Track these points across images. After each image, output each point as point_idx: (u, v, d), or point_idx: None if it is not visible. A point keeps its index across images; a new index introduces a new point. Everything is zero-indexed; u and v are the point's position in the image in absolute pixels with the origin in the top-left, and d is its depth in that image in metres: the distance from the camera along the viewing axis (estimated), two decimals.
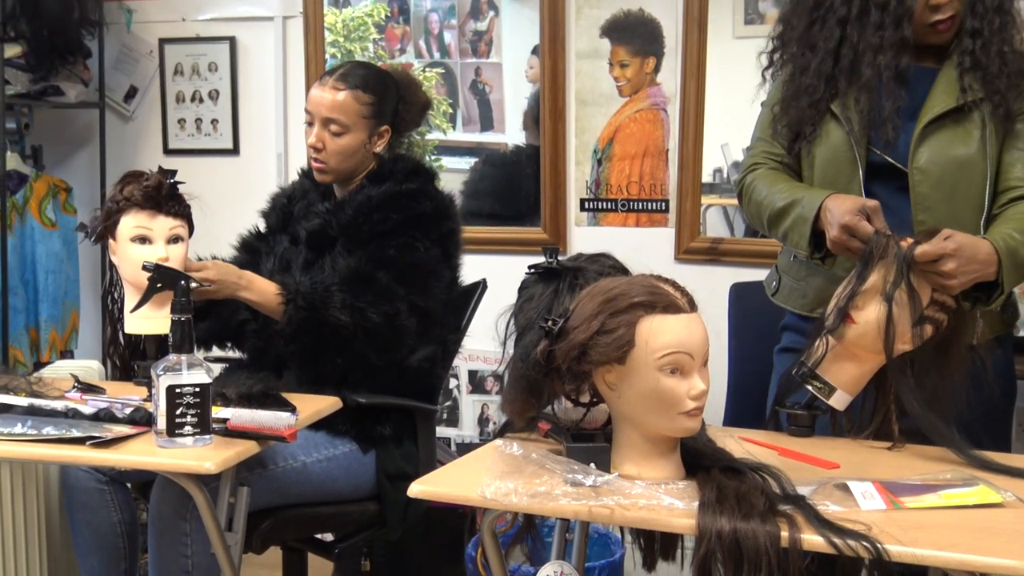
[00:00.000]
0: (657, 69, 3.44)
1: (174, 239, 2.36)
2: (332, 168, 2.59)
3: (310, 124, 2.60)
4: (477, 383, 3.70)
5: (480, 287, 2.84)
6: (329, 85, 2.58)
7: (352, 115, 2.56)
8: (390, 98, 2.64)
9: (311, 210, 2.67)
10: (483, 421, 3.72)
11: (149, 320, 2.33)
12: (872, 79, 2.11)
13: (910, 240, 1.91)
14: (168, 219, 2.36)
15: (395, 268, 2.49)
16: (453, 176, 3.73)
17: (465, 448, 3.63)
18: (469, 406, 3.72)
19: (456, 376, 3.69)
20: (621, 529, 2.67)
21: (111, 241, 2.40)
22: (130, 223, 2.36)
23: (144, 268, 2.27)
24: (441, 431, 3.64)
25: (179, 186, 2.40)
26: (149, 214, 2.35)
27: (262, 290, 2.44)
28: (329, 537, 2.79)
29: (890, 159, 2.11)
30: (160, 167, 2.43)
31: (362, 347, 2.45)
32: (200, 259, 2.55)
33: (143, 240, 2.35)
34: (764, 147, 2.27)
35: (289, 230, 2.71)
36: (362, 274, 2.48)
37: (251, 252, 2.74)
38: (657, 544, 1.87)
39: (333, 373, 2.46)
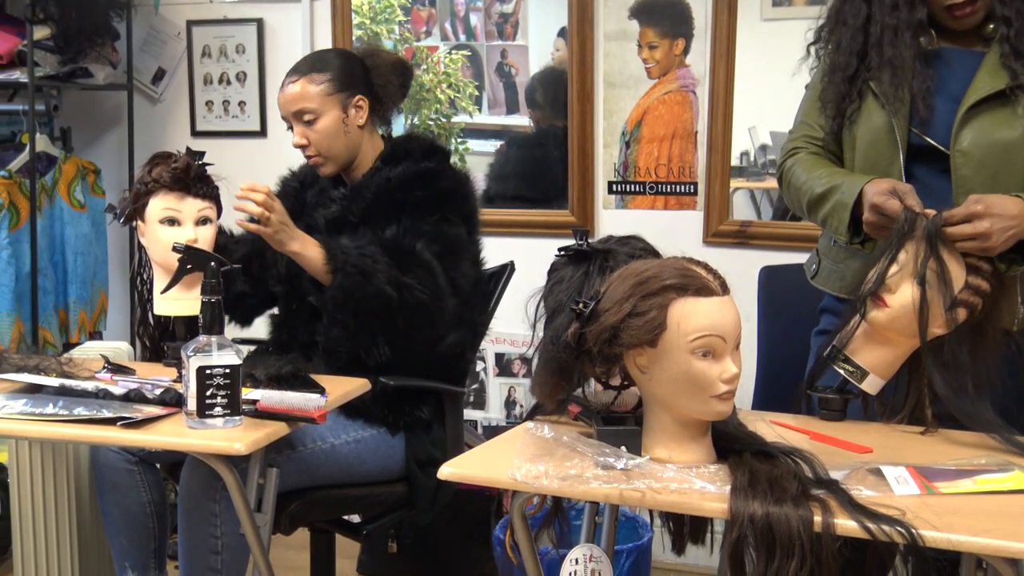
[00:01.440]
0: (686, 51, 3.41)
1: (203, 220, 2.37)
2: (325, 155, 2.58)
3: (290, 127, 2.61)
4: (504, 366, 3.70)
5: (508, 270, 2.83)
6: (286, 84, 2.60)
7: (315, 98, 2.55)
8: (349, 69, 2.61)
9: (326, 196, 2.66)
10: (510, 404, 3.71)
11: (179, 301, 2.34)
12: (895, 58, 2.10)
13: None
14: (197, 201, 2.37)
15: (434, 243, 2.47)
16: (479, 159, 3.72)
17: (492, 431, 3.63)
18: (496, 389, 3.72)
19: (483, 359, 3.69)
20: (650, 512, 2.67)
21: (140, 223, 2.41)
22: (159, 205, 2.36)
23: (174, 249, 2.28)
24: (468, 414, 3.63)
25: (207, 168, 2.40)
26: (178, 196, 2.35)
27: (311, 249, 2.38)
28: (357, 519, 2.80)
29: (931, 140, 2.09)
30: (188, 148, 2.43)
31: (406, 323, 2.41)
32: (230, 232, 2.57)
33: (172, 222, 2.36)
34: (805, 131, 2.25)
35: (304, 218, 2.68)
36: (404, 248, 2.45)
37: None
38: (686, 528, 1.86)
39: (367, 354, 2.45)
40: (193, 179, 2.36)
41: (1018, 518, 1.49)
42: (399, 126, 3.74)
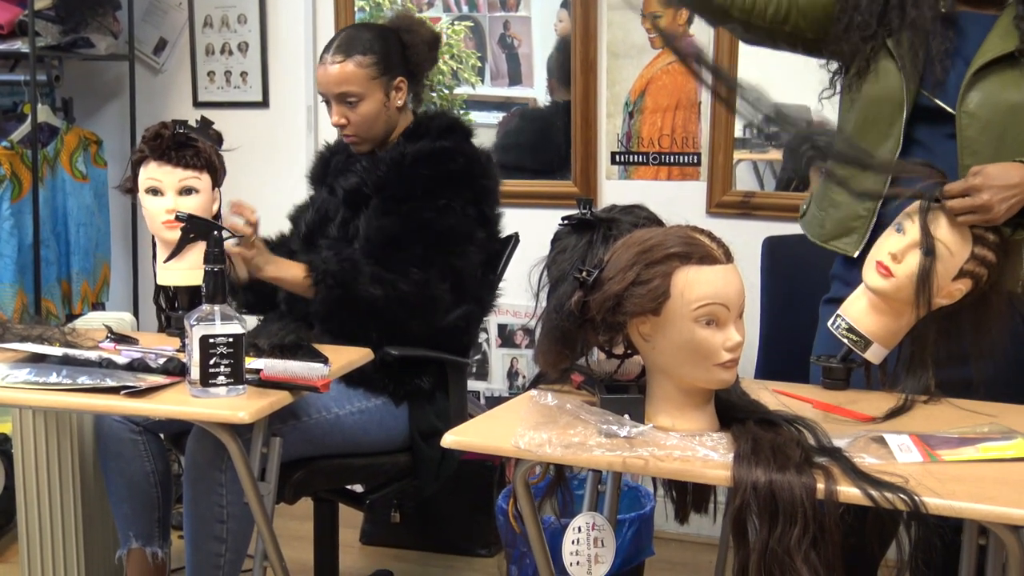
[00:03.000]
0: (690, 21, 3.39)
1: (186, 191, 2.34)
2: (364, 137, 2.60)
3: (328, 103, 2.60)
4: (507, 337, 3.70)
5: (512, 241, 2.83)
6: (329, 61, 2.58)
7: (362, 81, 2.55)
8: (392, 50, 2.61)
9: (349, 166, 2.67)
10: (512, 375, 3.72)
11: (182, 271, 2.34)
12: (917, 19, 2.09)
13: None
14: (179, 170, 2.33)
15: (431, 233, 2.49)
16: (482, 131, 3.71)
17: (494, 401, 3.64)
18: (499, 359, 3.72)
19: (486, 330, 3.69)
20: (653, 482, 2.67)
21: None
22: (143, 175, 2.35)
23: (177, 219, 2.27)
24: (470, 384, 3.63)
25: (191, 136, 2.36)
26: (158, 165, 2.34)
27: (289, 270, 2.45)
28: (360, 488, 2.81)
29: (939, 101, 2.08)
30: (202, 117, 2.41)
31: (396, 316, 2.45)
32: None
33: (155, 192, 2.34)
34: None
35: (328, 181, 2.71)
36: (393, 239, 2.47)
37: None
38: (689, 496, 1.86)
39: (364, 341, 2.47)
40: (167, 148, 2.33)
41: (1021, 485, 1.49)
42: None
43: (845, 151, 2.03)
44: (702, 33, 3.37)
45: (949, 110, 2.07)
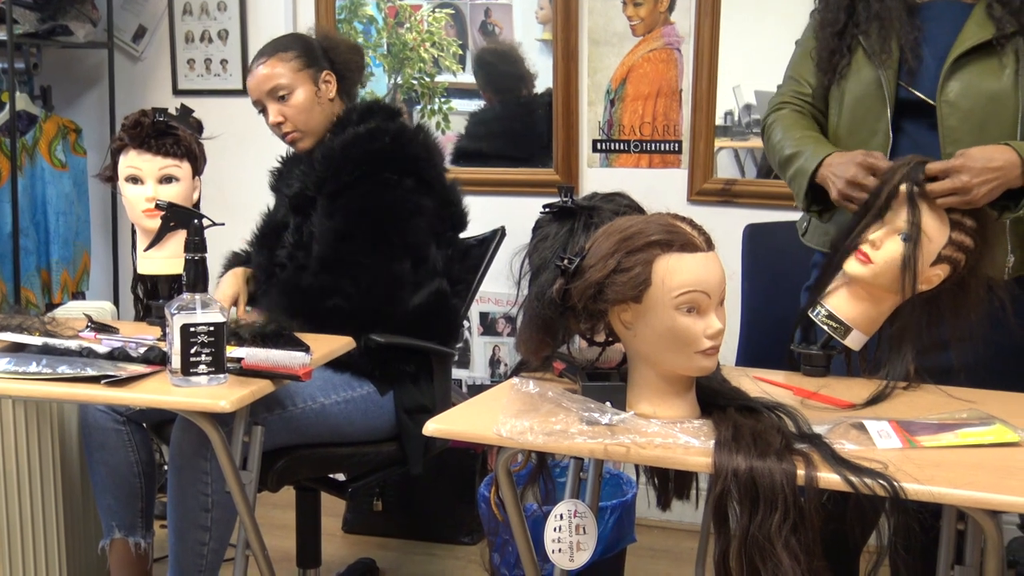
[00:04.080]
0: (671, 8, 3.40)
1: (166, 179, 2.34)
2: (303, 129, 2.63)
3: (263, 111, 2.65)
4: (488, 325, 3.70)
5: (498, 235, 2.82)
6: (255, 68, 2.65)
7: (287, 74, 2.61)
8: (312, 47, 2.69)
9: (292, 172, 2.70)
10: (494, 363, 3.72)
11: (162, 260, 2.33)
12: (882, 11, 2.10)
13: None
14: (158, 158, 2.33)
15: (373, 214, 2.51)
16: (463, 118, 3.71)
17: (476, 389, 3.64)
18: (480, 348, 3.72)
19: (468, 318, 3.69)
20: (636, 469, 2.68)
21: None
22: (123, 163, 2.35)
23: (157, 207, 2.26)
24: (453, 372, 3.64)
25: (170, 125, 2.36)
26: (138, 153, 2.33)
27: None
28: (342, 477, 2.81)
29: (918, 93, 2.09)
30: (182, 105, 2.40)
31: (366, 311, 2.48)
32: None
33: (134, 180, 2.33)
34: (793, 86, 2.26)
35: (282, 190, 2.73)
36: (340, 234, 2.50)
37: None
38: (671, 483, 1.86)
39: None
40: (147, 136, 2.32)
41: (998, 471, 1.50)
42: (382, 86, 3.72)
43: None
44: (683, 19, 3.37)
45: (929, 101, 2.08)
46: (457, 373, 3.72)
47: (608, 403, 1.66)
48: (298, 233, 2.60)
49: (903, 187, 1.89)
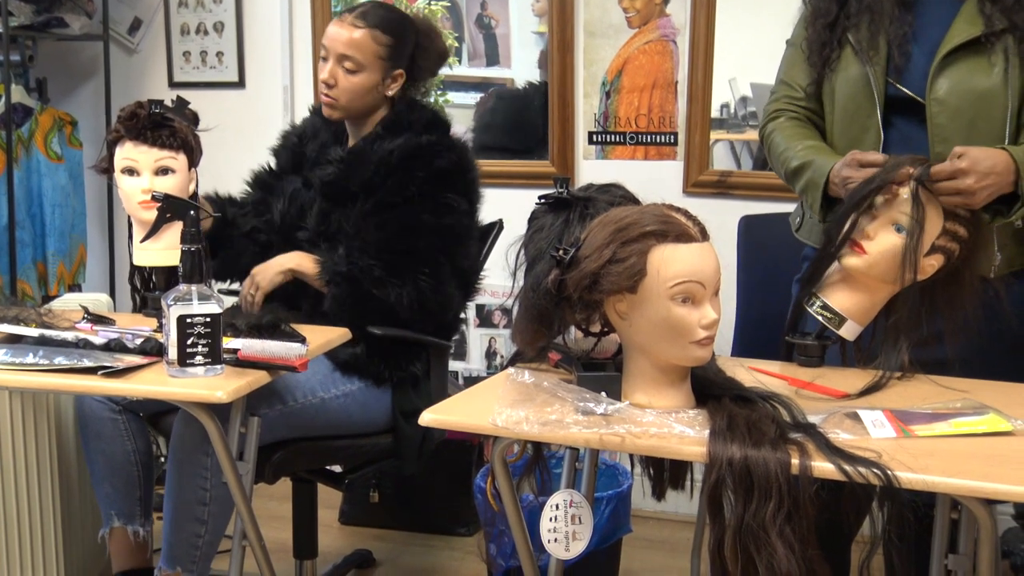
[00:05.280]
0: (667, 0, 3.39)
1: (162, 171, 2.33)
2: (342, 105, 2.56)
3: (325, 59, 2.57)
4: (485, 317, 3.71)
5: (496, 228, 2.82)
6: (348, 22, 2.55)
7: (368, 54, 2.53)
8: (407, 42, 2.60)
9: (324, 156, 2.64)
10: (491, 354, 3.73)
11: (159, 251, 2.33)
12: (874, 4, 2.10)
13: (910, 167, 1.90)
14: (154, 150, 2.32)
15: (433, 235, 2.48)
16: (460, 111, 3.71)
17: (472, 381, 3.64)
18: (477, 340, 3.73)
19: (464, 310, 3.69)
20: (631, 460, 2.69)
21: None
22: (119, 155, 2.34)
23: (153, 198, 2.26)
24: (449, 364, 3.64)
25: (167, 117, 2.35)
26: (134, 145, 2.32)
27: (304, 271, 2.50)
28: (339, 468, 2.81)
29: (907, 91, 2.09)
30: (178, 97, 2.40)
31: (408, 318, 2.46)
32: (209, 195, 2.56)
33: (131, 172, 2.33)
34: (785, 91, 2.26)
35: (303, 172, 2.68)
36: (396, 245, 2.46)
37: (264, 189, 2.72)
38: (666, 473, 1.87)
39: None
40: (143, 127, 2.32)
41: (992, 460, 1.51)
42: None
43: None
44: (679, 11, 3.37)
45: (918, 99, 2.08)
46: (453, 365, 3.72)
47: (603, 393, 1.66)
48: (324, 220, 2.57)
49: (907, 184, 1.89)
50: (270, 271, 2.50)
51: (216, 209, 2.53)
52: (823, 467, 1.49)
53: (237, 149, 3.64)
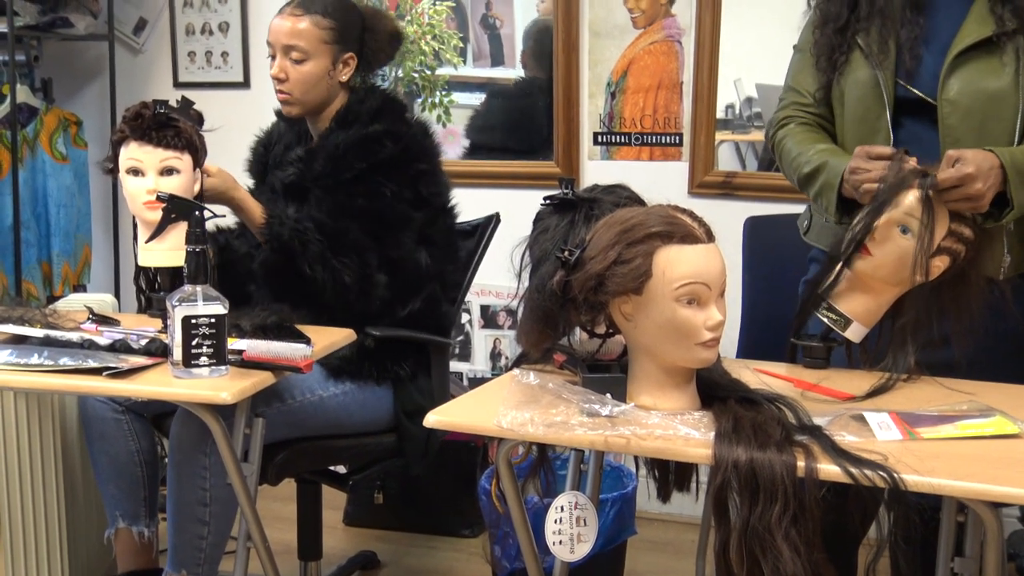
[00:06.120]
0: (672, 0, 3.39)
1: (167, 171, 2.32)
2: (297, 99, 2.56)
3: (272, 57, 2.57)
4: (489, 318, 3.70)
5: (492, 221, 2.82)
6: (288, 13, 2.56)
7: (312, 40, 2.53)
8: (352, 24, 2.59)
9: (286, 157, 2.64)
10: (495, 356, 3.72)
11: (163, 252, 2.32)
12: (886, 7, 2.09)
13: (916, 165, 1.89)
14: (159, 150, 2.31)
15: (364, 220, 2.46)
16: (464, 112, 3.71)
17: (477, 382, 3.64)
18: (481, 341, 3.73)
19: (468, 311, 3.69)
20: (636, 461, 2.69)
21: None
22: (124, 155, 2.34)
23: (158, 199, 2.26)
24: (453, 365, 3.64)
25: (171, 116, 2.35)
26: (139, 145, 2.32)
27: (250, 218, 2.47)
28: (343, 469, 2.81)
29: (917, 92, 2.08)
30: (183, 97, 2.40)
31: (329, 300, 2.44)
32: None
33: (136, 172, 2.33)
34: (794, 98, 2.24)
35: (268, 180, 2.68)
36: (335, 229, 2.45)
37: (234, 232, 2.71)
38: (671, 475, 1.86)
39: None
40: (147, 127, 2.31)
41: (998, 462, 1.50)
42: (383, 79, 3.72)
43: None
44: (684, 11, 3.37)
45: (929, 100, 2.07)
46: (458, 366, 3.72)
47: (608, 395, 1.66)
48: None
49: (914, 190, 1.88)
50: (224, 187, 2.45)
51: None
52: (829, 469, 1.48)
53: (242, 149, 3.64)
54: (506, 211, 2.84)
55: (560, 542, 1.80)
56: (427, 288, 2.59)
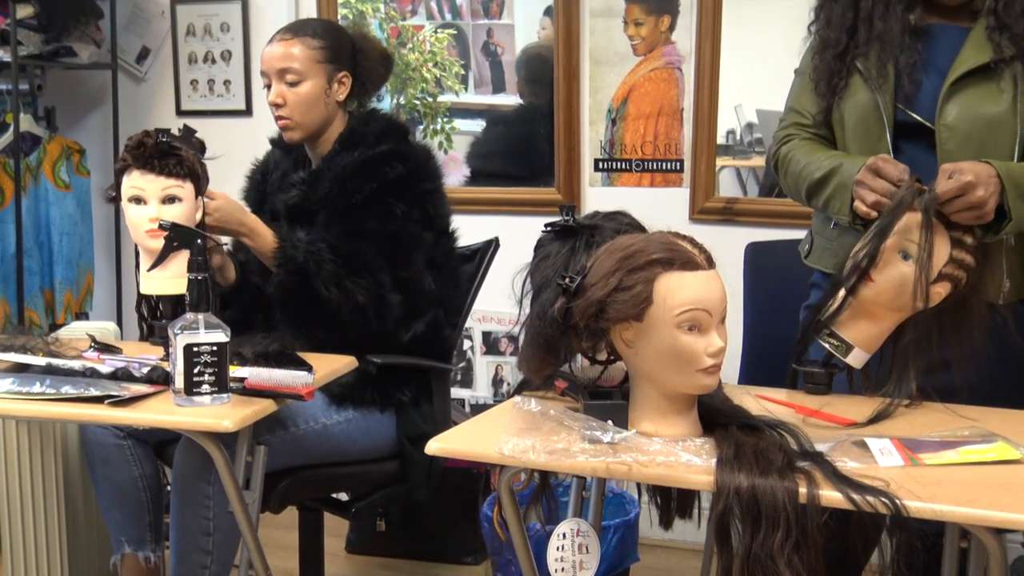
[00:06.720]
0: (672, 27, 3.41)
1: (169, 199, 2.33)
2: (297, 122, 2.57)
3: (268, 86, 2.59)
4: (491, 344, 3.70)
5: (492, 246, 2.83)
6: (277, 40, 2.59)
7: (305, 61, 2.55)
8: (343, 42, 2.62)
9: (286, 181, 2.65)
10: (497, 382, 3.72)
11: (165, 280, 2.33)
12: (885, 32, 2.10)
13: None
14: (161, 179, 2.32)
15: (376, 240, 2.47)
16: (465, 138, 3.72)
17: (479, 409, 3.64)
18: (483, 367, 3.73)
19: (470, 337, 3.69)
20: (638, 488, 2.69)
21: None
22: (126, 183, 2.35)
23: (161, 227, 2.27)
24: (455, 392, 3.64)
25: (173, 145, 2.35)
26: (141, 174, 2.33)
27: (261, 243, 2.45)
28: (345, 497, 2.81)
29: (916, 116, 2.09)
30: (185, 125, 2.41)
31: (346, 321, 2.44)
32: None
33: (137, 200, 2.33)
34: (795, 119, 2.25)
35: (267, 206, 2.68)
36: (348, 250, 2.46)
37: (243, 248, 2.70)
38: (673, 502, 1.86)
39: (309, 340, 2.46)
40: (150, 156, 2.32)
41: (1001, 488, 1.50)
42: (385, 105, 3.73)
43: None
44: (684, 38, 3.38)
45: (928, 125, 2.08)
46: (460, 392, 3.72)
47: (610, 421, 1.66)
48: None
49: (914, 213, 1.88)
50: (232, 210, 2.44)
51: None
52: (831, 496, 1.48)
53: (244, 178, 3.66)
54: (507, 238, 2.84)
55: (562, 569, 1.80)
56: (430, 312, 2.59)
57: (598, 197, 3.52)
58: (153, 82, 4.08)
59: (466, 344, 3.70)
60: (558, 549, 1.80)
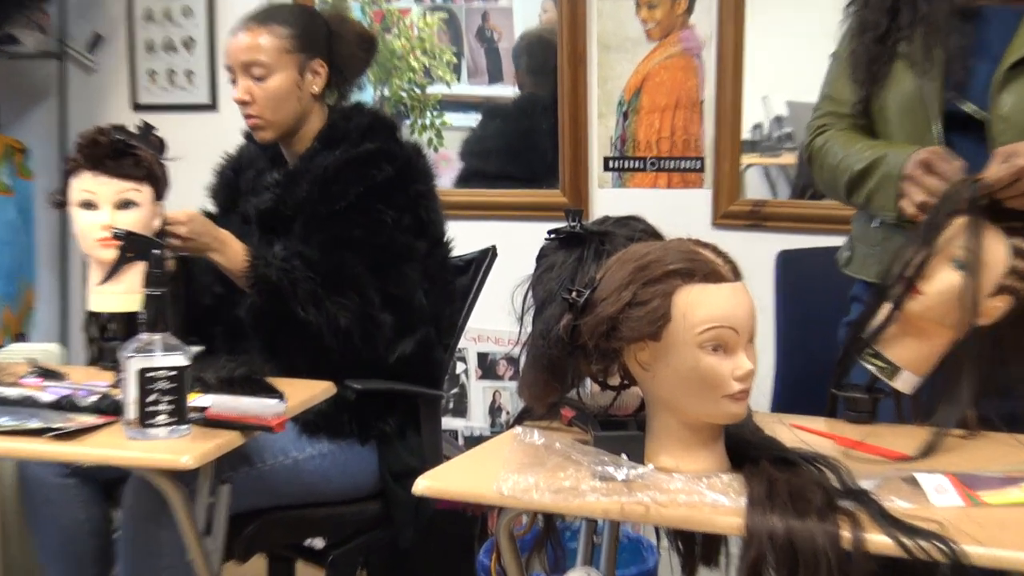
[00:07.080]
0: (690, 10, 3.42)
1: (124, 204, 2.33)
2: (268, 120, 2.57)
3: (234, 81, 2.59)
4: (488, 367, 3.70)
5: (488, 255, 2.82)
6: (242, 29, 2.58)
7: (272, 52, 2.55)
8: (315, 28, 2.62)
9: (260, 182, 2.65)
10: (495, 410, 3.72)
11: (117, 296, 2.32)
12: (930, 14, 2.10)
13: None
14: (116, 181, 2.33)
15: (363, 253, 2.47)
16: (458, 133, 3.72)
17: (474, 441, 3.63)
18: (479, 393, 3.72)
19: (464, 360, 3.69)
20: (656, 532, 2.67)
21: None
22: (76, 186, 2.34)
23: (113, 236, 2.26)
24: (447, 422, 3.64)
25: (131, 145, 2.35)
26: (93, 175, 2.33)
27: (232, 260, 2.44)
28: (321, 543, 2.79)
29: (969, 106, 2.08)
30: (144, 122, 2.40)
31: (331, 344, 2.43)
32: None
33: (88, 205, 2.33)
34: (830, 107, 2.27)
35: (239, 208, 2.68)
36: (331, 265, 2.45)
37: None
38: (698, 547, 1.86)
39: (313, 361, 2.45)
40: (103, 156, 2.32)
41: None
42: (367, 97, 3.73)
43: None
44: (704, 22, 3.38)
45: (980, 115, 2.07)
46: (453, 423, 3.71)
47: (624, 455, 1.65)
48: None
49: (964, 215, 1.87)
50: (201, 247, 2.42)
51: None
52: (878, 540, 1.46)
53: (208, 179, 3.65)
54: (506, 246, 2.84)
55: None
56: (420, 330, 2.57)
57: (608, 200, 3.53)
58: (106, 73, 4.09)
59: (459, 367, 3.69)
60: None
